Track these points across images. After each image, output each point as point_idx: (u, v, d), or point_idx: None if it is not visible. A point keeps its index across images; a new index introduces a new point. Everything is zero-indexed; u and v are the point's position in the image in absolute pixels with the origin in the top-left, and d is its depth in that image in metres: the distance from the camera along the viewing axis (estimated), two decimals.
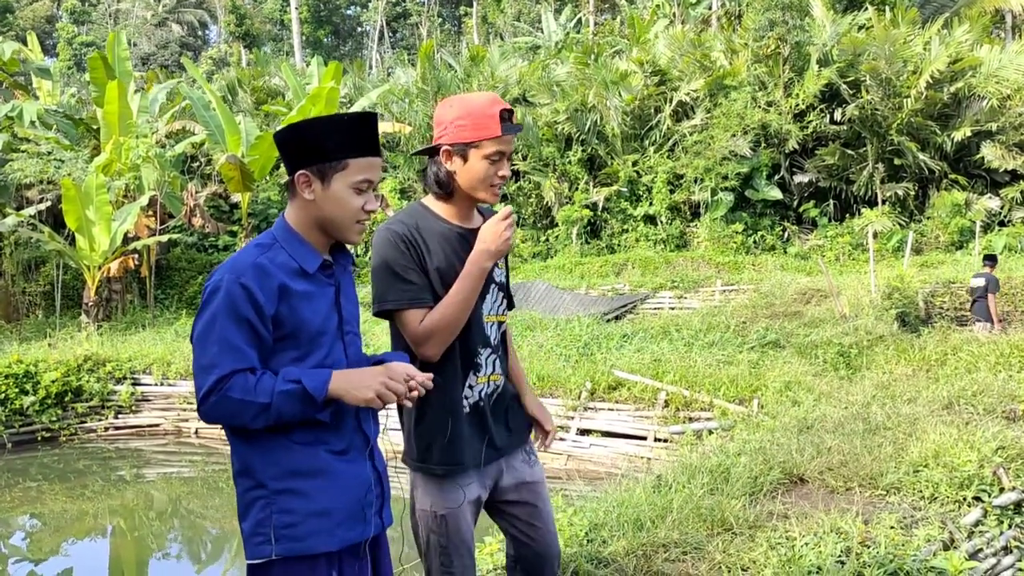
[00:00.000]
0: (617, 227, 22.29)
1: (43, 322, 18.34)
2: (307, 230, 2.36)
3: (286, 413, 2.16)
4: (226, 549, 8.45)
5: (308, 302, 2.28)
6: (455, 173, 2.74)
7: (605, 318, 14.80)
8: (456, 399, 2.79)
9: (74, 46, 46.46)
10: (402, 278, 2.65)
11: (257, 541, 2.23)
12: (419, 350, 2.68)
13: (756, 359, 10.60)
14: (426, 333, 2.65)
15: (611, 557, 4.21)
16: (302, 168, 2.30)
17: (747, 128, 20.30)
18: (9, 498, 9.98)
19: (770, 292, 14.84)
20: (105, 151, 18.66)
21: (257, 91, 29.96)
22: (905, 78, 19.45)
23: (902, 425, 6.41)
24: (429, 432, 2.77)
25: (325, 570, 2.27)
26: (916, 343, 10.60)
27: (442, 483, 2.81)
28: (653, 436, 9.32)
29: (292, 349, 2.26)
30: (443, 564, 2.84)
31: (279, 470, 2.23)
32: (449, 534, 2.81)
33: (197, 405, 2.18)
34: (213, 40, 60.28)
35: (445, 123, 2.74)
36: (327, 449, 2.29)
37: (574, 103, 22.57)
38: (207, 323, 2.19)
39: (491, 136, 2.69)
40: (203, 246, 23.03)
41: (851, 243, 19.34)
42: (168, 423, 12.28)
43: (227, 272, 2.21)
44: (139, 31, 52.00)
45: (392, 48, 54.05)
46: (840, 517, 4.46)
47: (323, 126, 2.30)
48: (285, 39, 55.98)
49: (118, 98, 18.54)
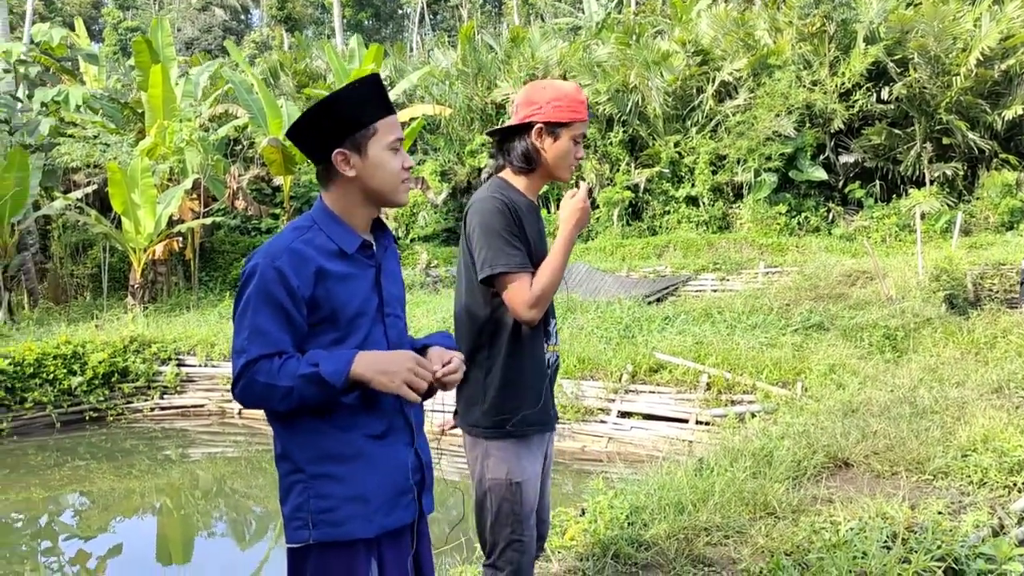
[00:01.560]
0: (659, 209, 22.12)
1: (90, 304, 18.64)
2: (351, 209, 2.35)
3: (309, 397, 2.14)
4: (270, 528, 8.54)
5: (346, 284, 2.27)
6: (543, 150, 2.93)
7: (646, 300, 14.70)
8: (543, 363, 2.96)
9: (119, 31, 47.02)
10: (512, 244, 2.81)
11: (296, 525, 2.23)
12: (527, 313, 2.81)
13: (800, 342, 10.47)
14: (536, 297, 2.79)
15: (652, 540, 4.18)
16: (335, 147, 2.28)
17: (791, 108, 19.99)
18: (59, 476, 10.18)
19: (814, 274, 14.64)
20: (150, 135, 18.89)
21: (299, 74, 30.09)
22: (954, 55, 19.01)
23: (950, 409, 6.31)
24: (519, 395, 2.89)
25: (364, 557, 2.25)
26: (964, 326, 10.40)
27: (519, 451, 2.90)
28: (695, 419, 9.25)
29: (331, 331, 2.25)
30: (514, 532, 2.90)
31: (316, 454, 2.22)
32: (523, 502, 2.90)
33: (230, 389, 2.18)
34: (256, 24, 60.65)
35: (540, 103, 2.92)
36: (364, 433, 2.26)
37: (615, 84, 22.38)
38: (242, 308, 2.20)
39: (581, 119, 2.94)
40: (246, 229, 23.25)
41: (898, 224, 19.01)
42: (212, 403, 12.45)
43: (262, 256, 2.21)
44: (183, 16, 52.47)
45: (432, 30, 54.02)
46: (886, 502, 4.39)
47: (341, 100, 2.29)
48: (326, 22, 56.12)
49: (162, 82, 18.73)
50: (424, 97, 26.47)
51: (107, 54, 36.24)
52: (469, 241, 2.89)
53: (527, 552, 2.93)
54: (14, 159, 16.01)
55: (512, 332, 2.86)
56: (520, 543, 2.89)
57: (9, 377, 11.48)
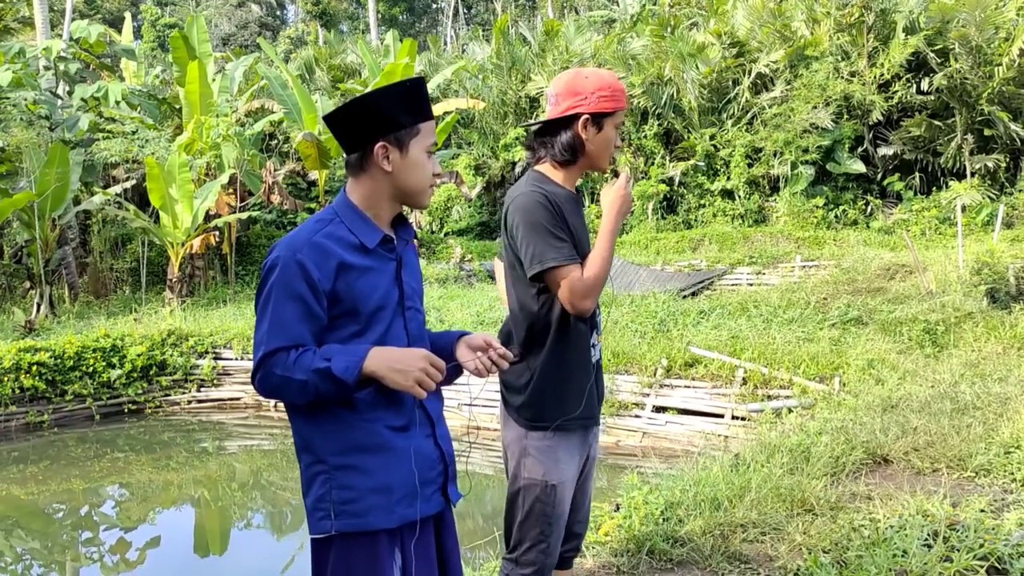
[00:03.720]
0: (694, 202, 21.97)
1: (129, 298, 18.88)
2: (376, 204, 2.35)
3: (323, 391, 2.15)
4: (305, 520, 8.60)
5: (367, 278, 2.27)
6: (588, 141, 2.90)
7: (681, 294, 14.61)
8: (588, 362, 2.94)
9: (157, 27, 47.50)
10: (558, 237, 2.79)
11: (318, 516, 2.25)
12: (582, 304, 2.78)
13: (837, 336, 10.35)
14: (588, 287, 2.77)
15: (687, 536, 4.15)
16: (379, 140, 2.28)
17: (829, 100, 19.75)
18: (98, 468, 10.32)
19: (852, 268, 14.46)
20: (187, 130, 19.06)
21: (333, 69, 30.23)
22: (997, 45, 18.66)
23: (992, 405, 6.20)
24: (562, 392, 2.87)
25: (386, 547, 2.26)
26: (1007, 320, 10.22)
27: (558, 451, 2.88)
28: (730, 414, 9.18)
29: (351, 324, 2.26)
30: (542, 533, 2.88)
31: (338, 446, 2.23)
32: (556, 504, 2.87)
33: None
34: (291, 19, 61.05)
35: (585, 93, 2.88)
36: (386, 425, 2.27)
37: (650, 76, 22.25)
38: (263, 300, 2.22)
39: (624, 107, 2.94)
40: (282, 223, 23.43)
41: (938, 217, 18.71)
42: (248, 396, 12.55)
43: (284, 248, 2.21)
44: (219, 12, 52.89)
45: (467, 24, 54.03)
46: (927, 499, 4.32)
47: (394, 94, 2.28)
48: (361, 17, 56.37)
49: (199, 78, 18.89)
50: (458, 91, 26.49)
51: (145, 50, 36.62)
52: (513, 239, 2.86)
53: (551, 555, 2.91)
54: (55, 155, 16.24)
55: (559, 328, 2.85)
56: (546, 545, 2.87)
57: (50, 370, 11.65)
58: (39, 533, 8.52)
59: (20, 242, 18.52)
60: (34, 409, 11.51)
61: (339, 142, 2.35)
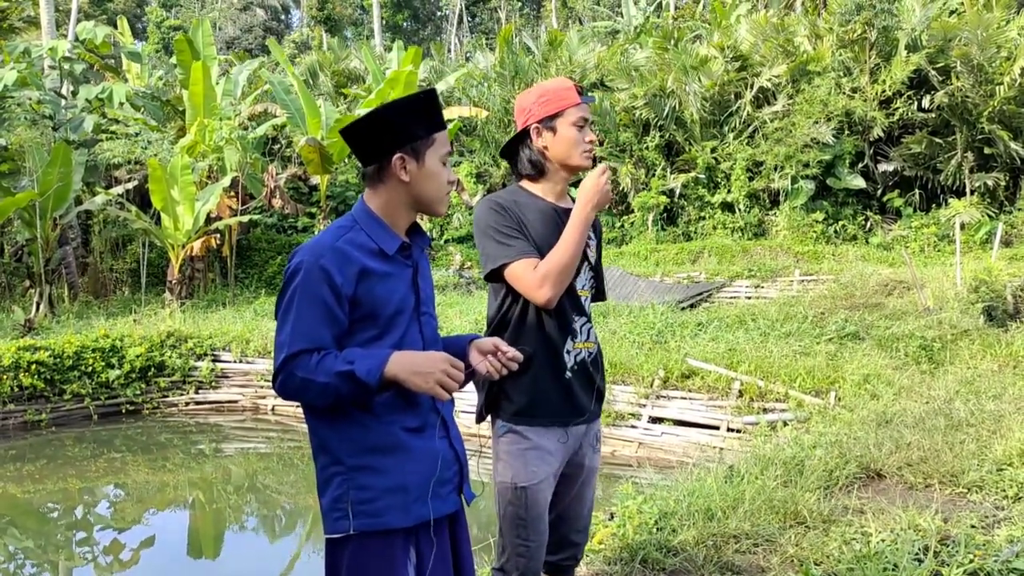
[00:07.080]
0: (694, 214, 22.01)
1: (129, 299, 18.91)
2: (394, 212, 2.41)
3: (344, 394, 2.20)
4: (300, 524, 8.62)
5: (386, 283, 2.33)
6: (547, 148, 2.95)
7: (680, 306, 14.64)
8: (561, 357, 2.92)
9: (162, 30, 47.60)
10: (508, 236, 2.82)
11: (335, 517, 2.29)
12: (538, 293, 2.79)
13: (834, 351, 10.38)
14: (542, 276, 2.78)
15: (680, 546, 4.18)
16: (397, 151, 2.34)
17: (830, 115, 19.81)
18: (95, 468, 10.34)
19: (850, 283, 14.50)
20: (190, 132, 19.11)
21: (337, 75, 30.29)
22: (998, 64, 18.73)
23: (986, 422, 6.23)
24: (533, 386, 2.87)
25: (402, 546, 2.31)
26: (1003, 338, 10.25)
27: (527, 453, 2.87)
28: (726, 426, 9.21)
29: (371, 328, 2.31)
30: (519, 537, 2.88)
31: (356, 447, 2.28)
32: (529, 507, 2.86)
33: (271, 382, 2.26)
34: (296, 24, 61.15)
35: (528, 106, 2.97)
36: (403, 427, 2.32)
37: (652, 88, 22.31)
38: (286, 304, 2.27)
39: (573, 104, 2.91)
40: (282, 227, 23.46)
41: (937, 234, 18.75)
42: (246, 399, 12.57)
43: (307, 254, 2.27)
44: (224, 15, 52.98)
45: (471, 32, 54.15)
46: (918, 514, 4.35)
47: (409, 107, 2.36)
48: (365, 23, 56.47)
49: (203, 80, 18.95)
50: (461, 99, 26.55)
51: (150, 52, 36.69)
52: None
53: (534, 559, 2.91)
54: (58, 154, 16.29)
55: (515, 328, 2.89)
56: (526, 548, 2.88)
57: (49, 369, 11.67)
58: (34, 532, 8.54)
59: (21, 241, 18.56)
60: (32, 408, 11.54)
61: (356, 155, 2.41)
